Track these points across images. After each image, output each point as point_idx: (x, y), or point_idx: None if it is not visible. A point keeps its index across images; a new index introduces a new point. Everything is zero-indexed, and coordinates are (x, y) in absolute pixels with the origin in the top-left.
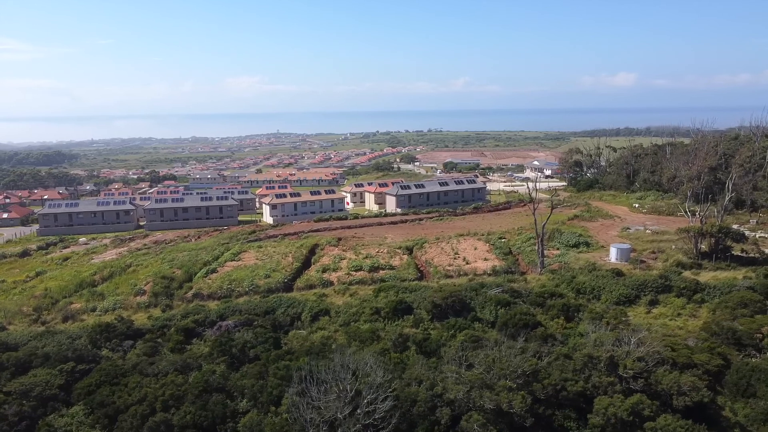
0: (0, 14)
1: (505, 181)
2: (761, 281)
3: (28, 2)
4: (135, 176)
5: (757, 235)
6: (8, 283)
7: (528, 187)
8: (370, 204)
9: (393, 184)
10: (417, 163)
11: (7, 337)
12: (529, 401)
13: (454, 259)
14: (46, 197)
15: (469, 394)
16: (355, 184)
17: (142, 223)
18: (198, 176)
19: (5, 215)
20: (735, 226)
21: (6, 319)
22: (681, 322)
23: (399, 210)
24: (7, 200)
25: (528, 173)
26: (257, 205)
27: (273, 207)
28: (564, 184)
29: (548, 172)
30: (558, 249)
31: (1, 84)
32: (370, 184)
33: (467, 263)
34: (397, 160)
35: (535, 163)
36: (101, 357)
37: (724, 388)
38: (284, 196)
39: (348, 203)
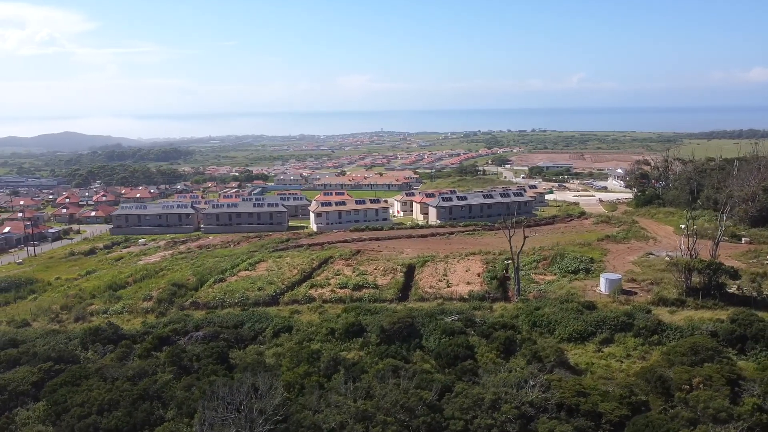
0: (140, 20)
1: (580, 190)
2: (726, 326)
3: (165, 8)
4: (235, 174)
5: None
6: (61, 281)
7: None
8: (417, 214)
9: (438, 194)
10: (508, 166)
11: (21, 334)
12: None
13: (439, 281)
14: (138, 195)
15: (344, 424)
16: (405, 193)
17: (202, 226)
18: (281, 177)
19: (92, 213)
20: None
21: (32, 316)
22: (627, 364)
23: (438, 221)
24: (104, 198)
25: (610, 181)
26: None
27: (318, 215)
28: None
29: None
30: (555, 275)
31: (138, 84)
32: (419, 193)
33: (448, 286)
34: (489, 162)
35: (619, 171)
36: (80, 358)
37: None
38: (329, 204)
39: (398, 212)
